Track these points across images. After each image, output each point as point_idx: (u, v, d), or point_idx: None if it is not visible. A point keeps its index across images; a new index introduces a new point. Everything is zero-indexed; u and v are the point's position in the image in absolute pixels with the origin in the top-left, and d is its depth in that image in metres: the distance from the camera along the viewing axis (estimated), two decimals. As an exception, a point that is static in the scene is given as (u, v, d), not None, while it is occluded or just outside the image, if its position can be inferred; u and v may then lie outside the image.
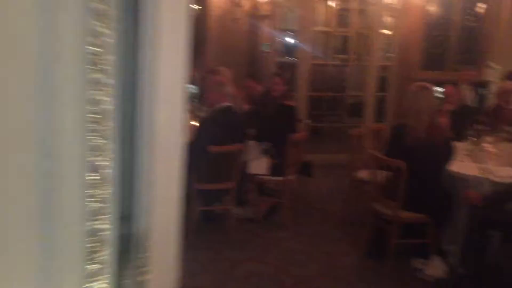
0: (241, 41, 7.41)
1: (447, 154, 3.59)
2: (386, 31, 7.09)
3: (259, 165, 4.46)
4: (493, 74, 7.09)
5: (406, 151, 3.54)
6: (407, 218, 3.64)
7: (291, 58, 7.19)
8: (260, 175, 4.46)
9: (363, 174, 4.43)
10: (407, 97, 3.76)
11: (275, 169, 4.44)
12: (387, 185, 3.68)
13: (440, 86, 7.10)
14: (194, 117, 4.54)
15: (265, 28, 7.14)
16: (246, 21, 7.41)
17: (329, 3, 7.49)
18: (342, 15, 7.53)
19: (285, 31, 7.32)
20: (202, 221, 4.27)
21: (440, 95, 5.21)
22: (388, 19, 7.09)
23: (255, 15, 7.51)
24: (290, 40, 7.37)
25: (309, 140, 5.82)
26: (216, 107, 4.00)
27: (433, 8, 6.99)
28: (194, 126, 4.00)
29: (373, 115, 7.02)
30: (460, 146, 3.95)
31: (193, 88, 6.80)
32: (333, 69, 7.44)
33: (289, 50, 7.41)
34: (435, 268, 3.60)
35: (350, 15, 7.41)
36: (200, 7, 7.09)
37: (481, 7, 7.05)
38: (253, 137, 4.48)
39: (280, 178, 4.45)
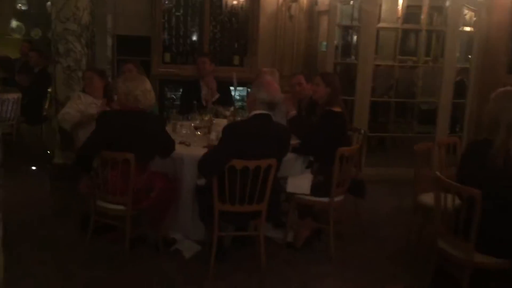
0: (296, 40, 6.73)
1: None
2: (466, 29, 6.09)
3: (300, 182, 3.75)
4: None
5: (484, 177, 2.70)
6: (482, 263, 2.79)
7: (352, 58, 6.39)
8: (300, 194, 3.74)
9: (427, 198, 3.59)
10: (490, 106, 2.89)
11: (320, 188, 3.71)
12: (457, 218, 2.84)
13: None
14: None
15: (324, 25, 6.40)
16: (303, 17, 6.71)
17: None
18: (411, 12, 6.59)
19: (346, 28, 6.53)
20: (230, 247, 3.65)
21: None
22: (468, 15, 6.09)
23: (313, 11, 6.78)
24: (351, 38, 6.57)
25: (371, 151, 5.01)
26: (251, 114, 3.34)
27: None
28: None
29: (448, 125, 6.05)
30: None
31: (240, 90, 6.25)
32: (400, 71, 6.52)
33: (349, 49, 6.61)
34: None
35: (422, 11, 6.46)
36: (249, 3, 6.49)
37: None
38: (294, 149, 3.77)
39: (325, 199, 3.71)
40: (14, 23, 8.55)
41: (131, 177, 3.23)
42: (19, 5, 8.52)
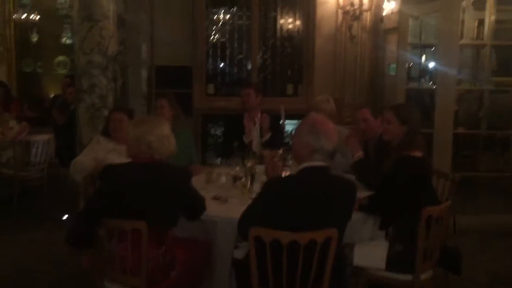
0: (359, 63, 5.80)
1: None
2: None
3: (371, 252, 2.80)
4: None
5: None
6: None
7: (428, 84, 5.36)
8: (373, 269, 2.78)
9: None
10: None
11: (398, 261, 2.74)
12: None
13: None
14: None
15: (392, 46, 5.45)
16: (366, 37, 5.79)
17: (480, 12, 5.54)
18: (499, 28, 5.52)
19: (419, 47, 5.53)
20: None
21: None
22: None
23: (378, 29, 5.84)
24: (425, 59, 5.56)
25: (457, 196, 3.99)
26: (301, 167, 2.45)
27: None
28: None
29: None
30: None
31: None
32: (490, 96, 5.40)
33: (424, 72, 5.59)
34: None
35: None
36: (304, 23, 5.68)
37: None
38: (362, 207, 2.83)
39: (407, 276, 2.72)
40: (59, 58, 8.27)
41: (143, 252, 2.43)
42: (64, 38, 8.24)
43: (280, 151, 3.51)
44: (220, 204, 3.02)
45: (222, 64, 5.84)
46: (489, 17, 5.31)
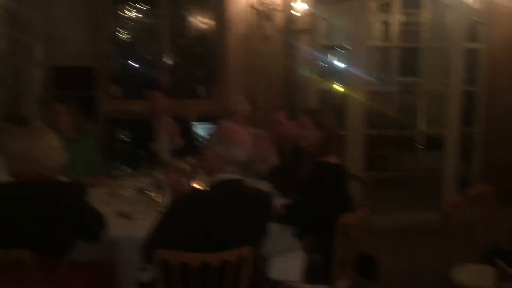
0: (273, 65, 5.71)
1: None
2: (471, 44, 5.16)
3: (288, 265, 2.67)
4: None
5: None
6: None
7: (340, 85, 5.40)
8: (290, 282, 2.65)
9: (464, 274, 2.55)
10: None
11: (316, 272, 2.64)
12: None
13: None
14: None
15: (304, 47, 5.41)
16: (279, 38, 5.71)
17: (389, 15, 5.69)
18: (408, 30, 5.72)
19: (330, 48, 5.56)
20: None
21: None
22: (474, 28, 5.18)
23: (291, 29, 5.79)
24: (337, 60, 5.61)
25: (373, 196, 4.02)
26: (215, 180, 2.25)
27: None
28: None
29: (458, 156, 5.07)
30: None
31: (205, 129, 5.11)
32: (397, 97, 5.56)
33: (336, 74, 5.64)
34: None
35: (420, 28, 5.58)
36: (216, 22, 5.49)
37: None
38: (278, 217, 2.69)
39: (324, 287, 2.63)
40: None
41: (29, 286, 2.10)
42: None
43: (191, 161, 3.27)
44: (125, 220, 2.74)
45: (129, 64, 5.48)
46: (396, 19, 5.46)
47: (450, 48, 4.98)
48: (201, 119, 4.90)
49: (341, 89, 5.34)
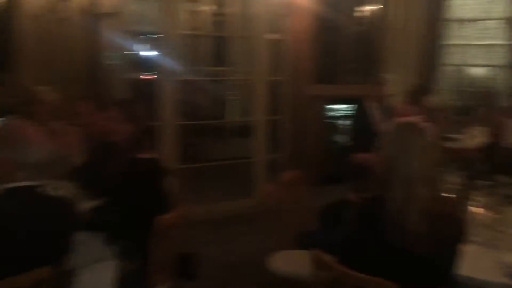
0: (74, 51, 5.16)
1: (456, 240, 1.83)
2: (273, 36, 5.41)
3: (98, 277, 2.38)
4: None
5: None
6: None
7: (150, 73, 5.16)
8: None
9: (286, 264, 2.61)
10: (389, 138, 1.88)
11: (132, 280, 2.41)
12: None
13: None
14: None
15: (109, 32, 5.01)
16: (79, 21, 5.18)
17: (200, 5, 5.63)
18: (218, 20, 5.74)
19: (142, 35, 5.27)
20: None
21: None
22: (275, 20, 5.44)
23: (93, 13, 5.31)
24: (146, 48, 5.35)
25: (187, 188, 3.93)
26: (3, 189, 1.83)
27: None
28: None
29: (267, 144, 5.30)
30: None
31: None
32: (208, 85, 5.55)
33: (147, 62, 5.38)
34: None
35: (228, 19, 5.65)
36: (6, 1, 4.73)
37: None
38: (87, 225, 2.37)
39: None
40: None
41: None
42: None
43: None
44: None
45: None
46: (206, 9, 5.43)
47: (254, 38, 5.15)
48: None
49: (152, 78, 5.11)
